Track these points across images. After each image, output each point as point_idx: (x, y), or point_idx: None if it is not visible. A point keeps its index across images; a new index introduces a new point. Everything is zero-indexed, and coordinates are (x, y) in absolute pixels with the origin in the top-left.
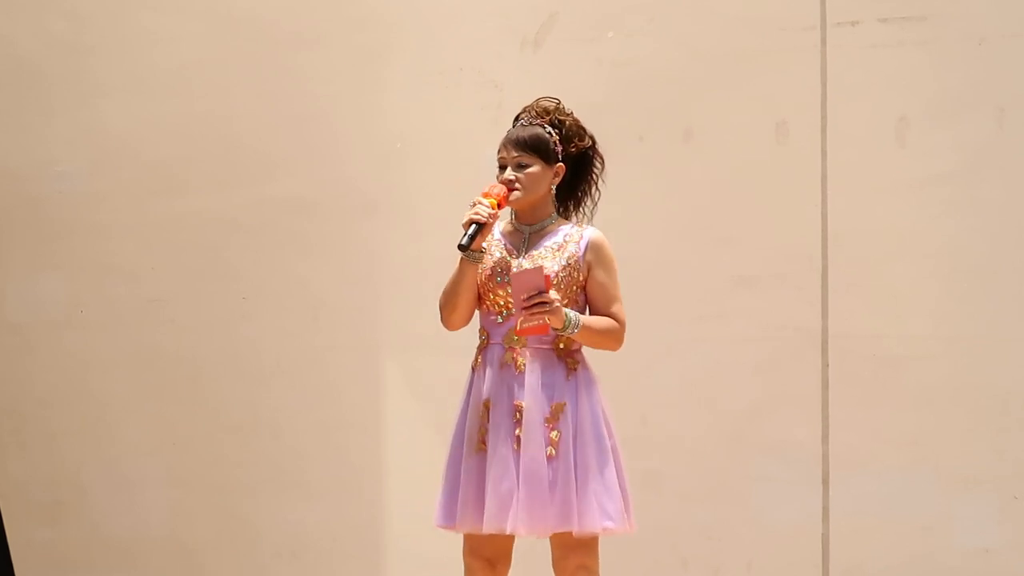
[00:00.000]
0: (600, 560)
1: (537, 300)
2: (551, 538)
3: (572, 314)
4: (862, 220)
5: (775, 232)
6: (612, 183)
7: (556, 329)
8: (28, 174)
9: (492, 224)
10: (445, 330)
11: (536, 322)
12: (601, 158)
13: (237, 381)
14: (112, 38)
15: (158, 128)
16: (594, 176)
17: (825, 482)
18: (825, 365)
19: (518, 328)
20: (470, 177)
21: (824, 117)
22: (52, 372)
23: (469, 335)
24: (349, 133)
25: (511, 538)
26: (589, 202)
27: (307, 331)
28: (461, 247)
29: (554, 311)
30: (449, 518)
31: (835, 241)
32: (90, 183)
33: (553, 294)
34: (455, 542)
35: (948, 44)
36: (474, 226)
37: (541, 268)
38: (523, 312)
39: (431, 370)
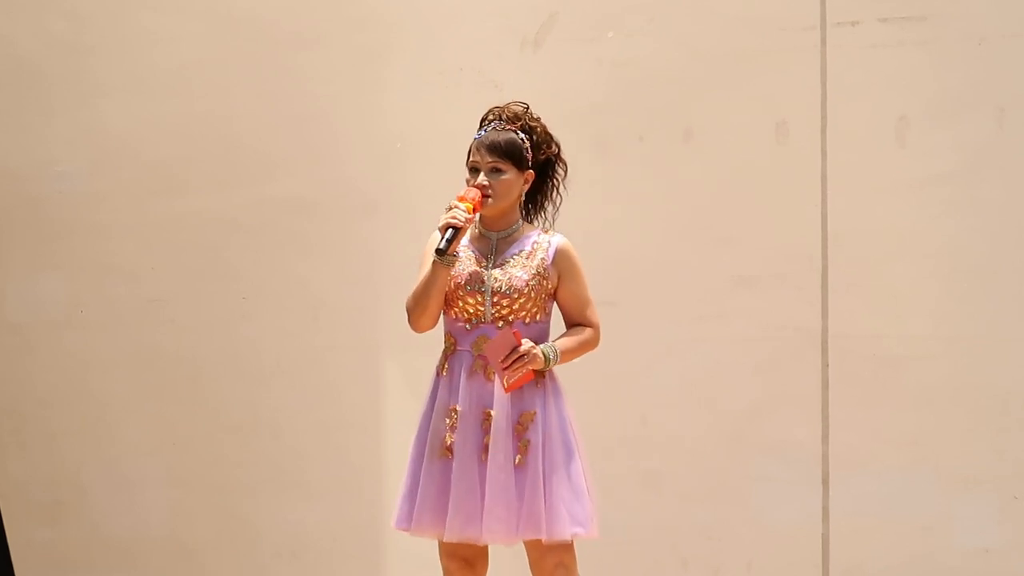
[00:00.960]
0: (599, 561)
1: (514, 358)
2: (525, 542)
3: (548, 350)
4: (862, 220)
5: (775, 232)
6: (612, 183)
7: (539, 370)
8: (28, 174)
9: (467, 228)
10: (444, 331)
11: (519, 375)
12: (565, 164)
13: (237, 381)
14: (112, 38)
15: (158, 128)
16: (556, 182)
17: (825, 482)
18: (825, 365)
19: (506, 387)
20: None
21: (824, 117)
22: (52, 372)
23: None
24: (349, 133)
25: None
26: (551, 207)
27: (307, 331)
28: (439, 251)
29: (532, 360)
30: (406, 521)
31: (835, 241)
32: (90, 183)
33: (526, 344)
34: None
35: (948, 44)
36: (451, 231)
37: (508, 329)
38: (504, 372)
39: (431, 370)
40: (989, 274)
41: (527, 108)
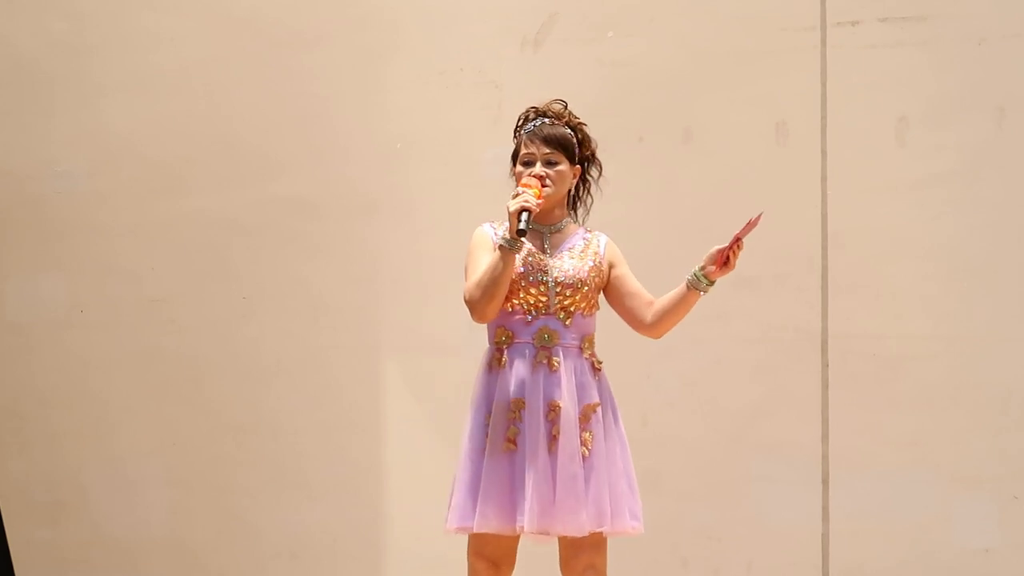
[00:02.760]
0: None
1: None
2: (560, 538)
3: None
4: (862, 220)
5: (775, 232)
6: (612, 183)
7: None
8: (28, 174)
9: (536, 212)
10: (444, 331)
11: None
12: (600, 165)
13: (238, 381)
14: (113, 38)
15: (159, 128)
16: (591, 181)
17: (825, 482)
18: (825, 365)
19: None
20: (470, 177)
21: (824, 117)
22: (52, 372)
23: (466, 334)
24: (350, 133)
25: (516, 538)
26: (581, 208)
27: (308, 331)
28: (521, 232)
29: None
30: (467, 519)
31: (835, 241)
32: (91, 183)
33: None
34: (455, 543)
35: (948, 44)
36: (526, 213)
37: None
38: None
39: (431, 370)
40: (989, 274)
41: (566, 106)
